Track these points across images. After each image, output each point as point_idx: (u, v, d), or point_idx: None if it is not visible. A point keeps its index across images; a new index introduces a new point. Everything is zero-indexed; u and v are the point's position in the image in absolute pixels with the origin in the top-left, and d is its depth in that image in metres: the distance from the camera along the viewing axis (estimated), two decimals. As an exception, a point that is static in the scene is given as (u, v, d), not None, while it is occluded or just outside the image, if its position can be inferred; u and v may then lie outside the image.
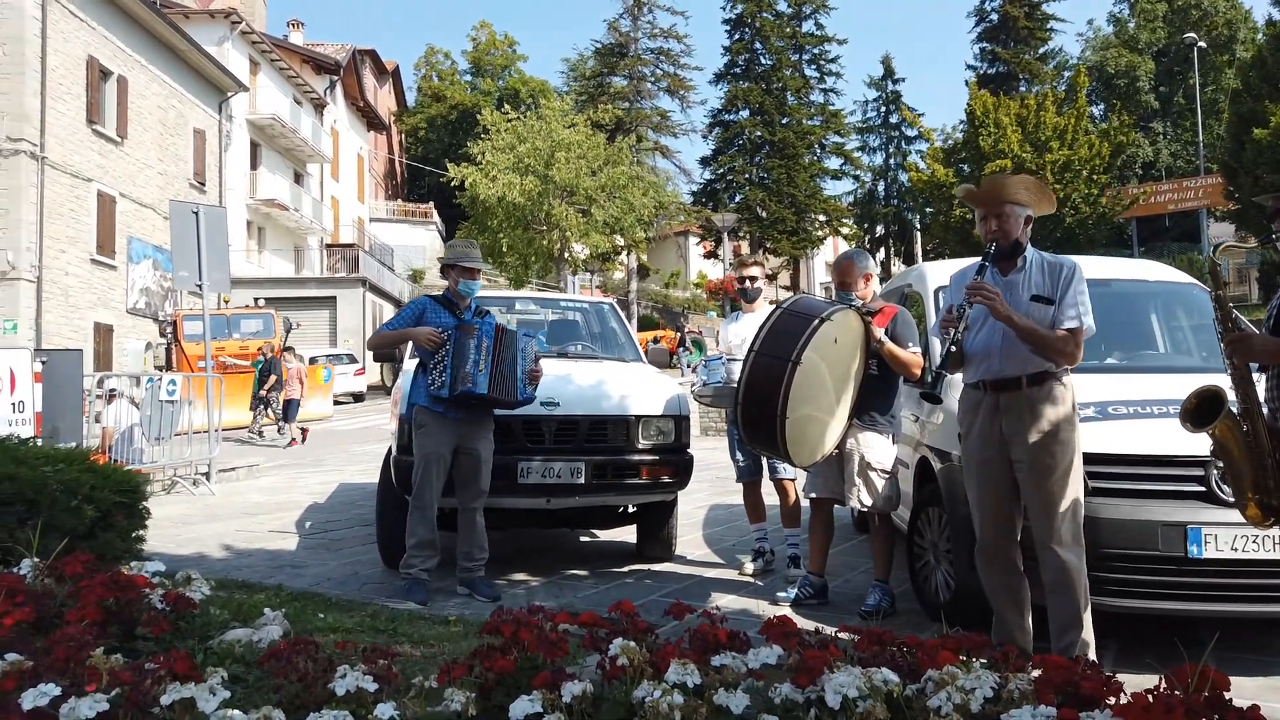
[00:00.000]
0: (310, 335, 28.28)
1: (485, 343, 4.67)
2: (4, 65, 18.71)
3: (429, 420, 4.71)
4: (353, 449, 13.44)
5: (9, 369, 6.56)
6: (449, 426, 4.70)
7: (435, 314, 4.88)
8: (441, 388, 4.63)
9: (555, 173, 29.35)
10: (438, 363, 4.68)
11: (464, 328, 4.71)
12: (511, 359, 4.71)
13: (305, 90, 35.66)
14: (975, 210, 3.53)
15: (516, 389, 4.71)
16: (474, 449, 4.75)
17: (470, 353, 4.61)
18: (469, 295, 4.98)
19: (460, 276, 4.92)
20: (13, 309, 18.38)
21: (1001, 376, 3.36)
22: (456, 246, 5.13)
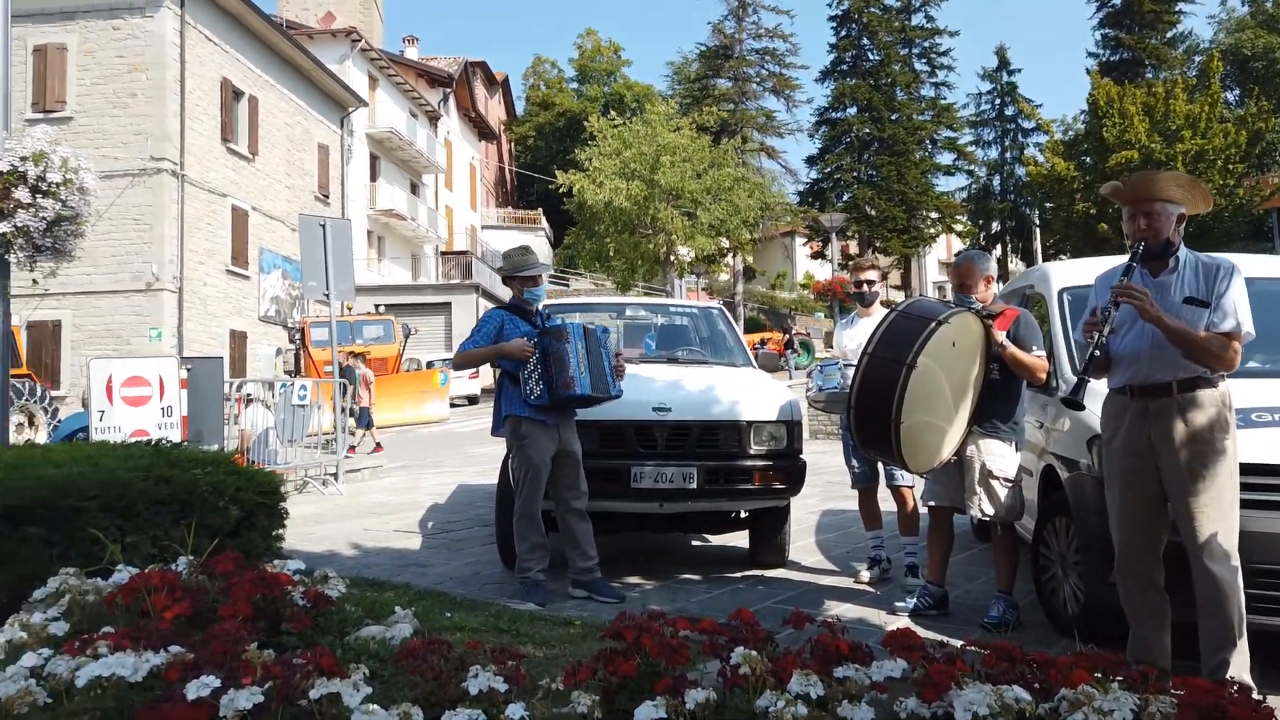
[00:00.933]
0: (426, 340, 29.23)
1: (579, 345, 4.76)
2: (147, 90, 20.04)
3: (532, 430, 4.78)
4: (469, 450, 13.83)
5: (159, 376, 7.05)
6: (550, 432, 4.80)
7: (513, 325, 4.94)
8: (541, 395, 4.71)
9: (661, 177, 29.51)
10: (530, 372, 4.76)
11: (555, 333, 4.79)
12: (599, 356, 4.80)
13: (420, 103, 36.90)
14: (1123, 208, 3.37)
15: (608, 385, 4.79)
16: (572, 450, 4.85)
17: (569, 357, 4.70)
18: (535, 302, 5.07)
19: (523, 286, 5.00)
20: (157, 318, 19.65)
21: (1150, 381, 3.20)
22: (513, 257, 5.15)
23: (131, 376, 6.94)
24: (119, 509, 3.83)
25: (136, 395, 6.95)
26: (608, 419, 5.06)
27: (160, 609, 2.78)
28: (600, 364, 4.78)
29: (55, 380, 18.77)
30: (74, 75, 19.98)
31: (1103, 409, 3.45)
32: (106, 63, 20.05)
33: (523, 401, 4.77)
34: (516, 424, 4.81)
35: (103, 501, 3.78)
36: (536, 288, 5.03)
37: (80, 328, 19.49)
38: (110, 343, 19.25)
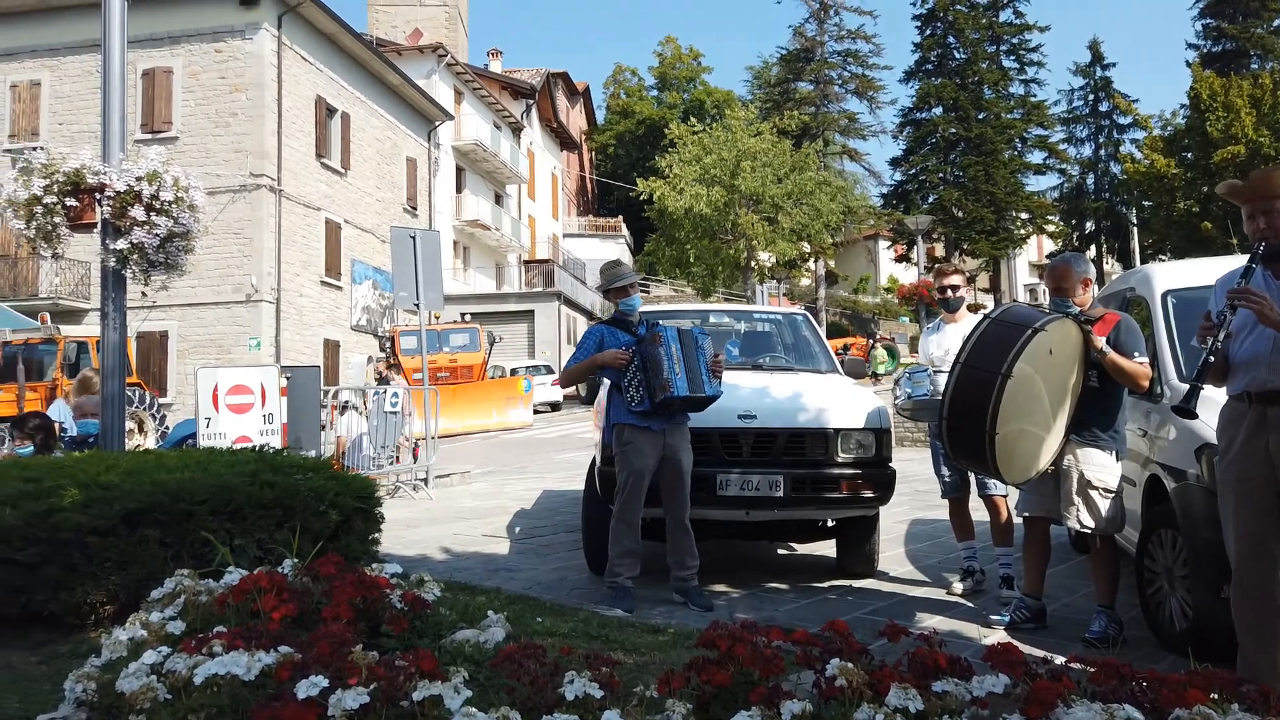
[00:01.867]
0: (510, 348, 29.72)
1: (674, 347, 4.80)
2: (247, 109, 20.90)
3: (635, 436, 4.84)
4: (553, 456, 14.00)
5: (261, 384, 7.35)
6: (654, 439, 4.83)
7: (613, 337, 5.04)
8: (641, 402, 4.78)
9: (741, 182, 29.41)
10: (630, 380, 4.83)
11: (649, 339, 4.84)
12: (695, 357, 4.82)
13: (504, 115, 37.57)
14: (1241, 207, 3.21)
15: (704, 384, 4.80)
16: (678, 459, 4.86)
17: (663, 360, 4.74)
18: (631, 312, 5.11)
19: (617, 298, 5.11)
20: (256, 327, 20.44)
21: (1270, 388, 3.05)
22: (605, 271, 5.29)
23: (235, 385, 7.26)
24: (227, 513, 4.01)
25: (240, 403, 7.26)
26: (693, 426, 5.07)
27: (269, 610, 2.90)
28: (696, 365, 4.80)
29: (163, 388, 19.68)
30: (179, 97, 20.96)
31: (1219, 417, 3.30)
32: (209, 84, 20.99)
33: (626, 409, 4.85)
34: (621, 430, 4.89)
35: (212, 505, 3.96)
36: (630, 298, 5.10)
37: (185, 337, 20.41)
38: (213, 352, 20.11)
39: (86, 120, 21.17)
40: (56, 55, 21.58)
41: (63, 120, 21.46)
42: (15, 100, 21.78)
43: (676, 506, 4.87)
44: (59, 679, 3.14)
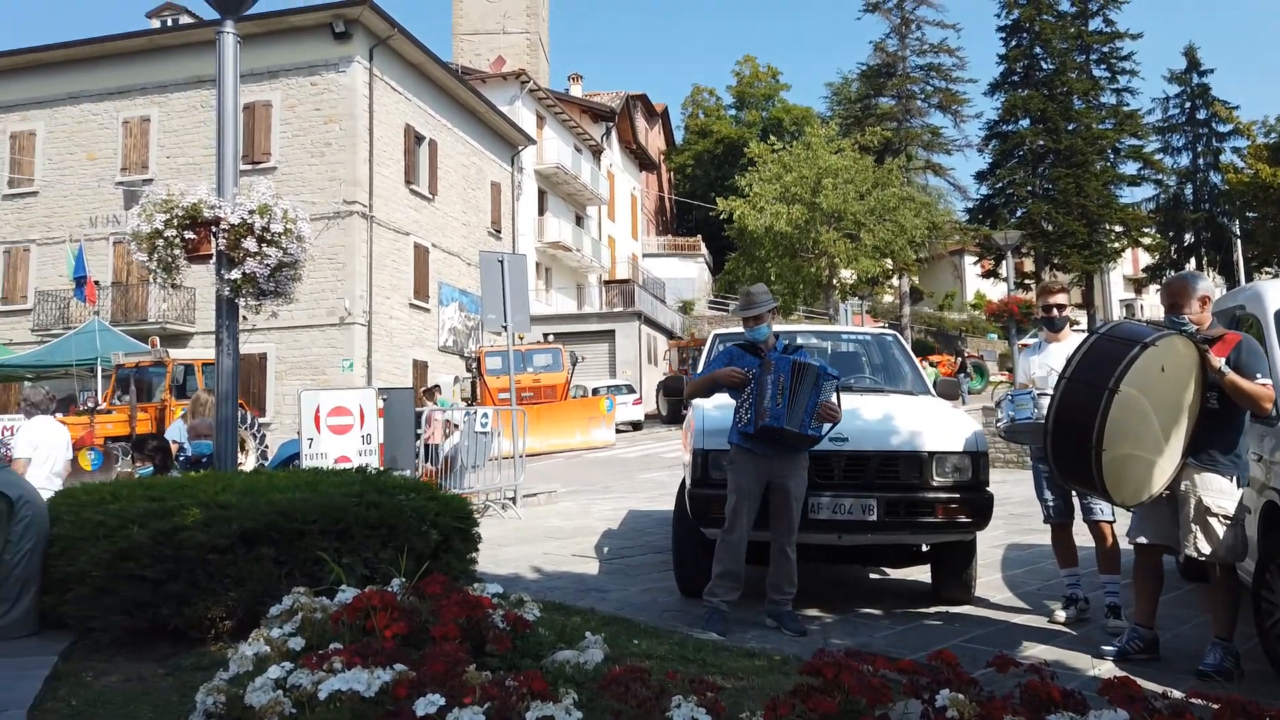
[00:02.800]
0: (591, 368, 29.98)
1: (782, 378, 4.77)
2: (340, 139, 21.68)
3: (740, 456, 4.88)
4: (637, 476, 14.06)
5: (359, 406, 7.61)
6: (759, 462, 4.83)
7: (740, 359, 5.08)
8: (748, 424, 4.81)
9: (822, 200, 29.19)
10: (743, 401, 4.88)
11: (764, 365, 4.87)
12: (806, 394, 4.78)
13: (584, 138, 38.12)
14: None
15: (802, 422, 4.75)
16: (785, 484, 4.84)
17: (769, 388, 4.75)
18: (759, 339, 5.13)
19: (747, 325, 5.15)
20: (349, 349, 21.10)
21: None
22: (742, 297, 5.37)
23: (336, 406, 7.53)
24: (336, 532, 4.16)
25: (340, 424, 7.53)
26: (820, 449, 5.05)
27: (382, 628, 3.00)
28: (803, 401, 4.74)
29: (262, 408, 20.45)
30: (277, 129, 21.88)
31: None
32: (305, 116, 21.86)
33: (736, 429, 4.89)
34: (729, 449, 4.95)
35: (322, 525, 4.11)
36: (758, 327, 5.10)
37: (283, 359, 21.18)
38: (309, 373, 20.83)
39: (191, 153, 22.28)
40: (164, 92, 22.77)
41: (170, 153, 22.60)
42: (127, 135, 23.03)
43: (781, 531, 4.86)
44: (185, 690, 3.31)
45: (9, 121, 23.84)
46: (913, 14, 41.25)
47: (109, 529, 3.92)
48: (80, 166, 23.25)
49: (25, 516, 3.82)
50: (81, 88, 23.28)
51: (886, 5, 40.92)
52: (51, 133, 23.56)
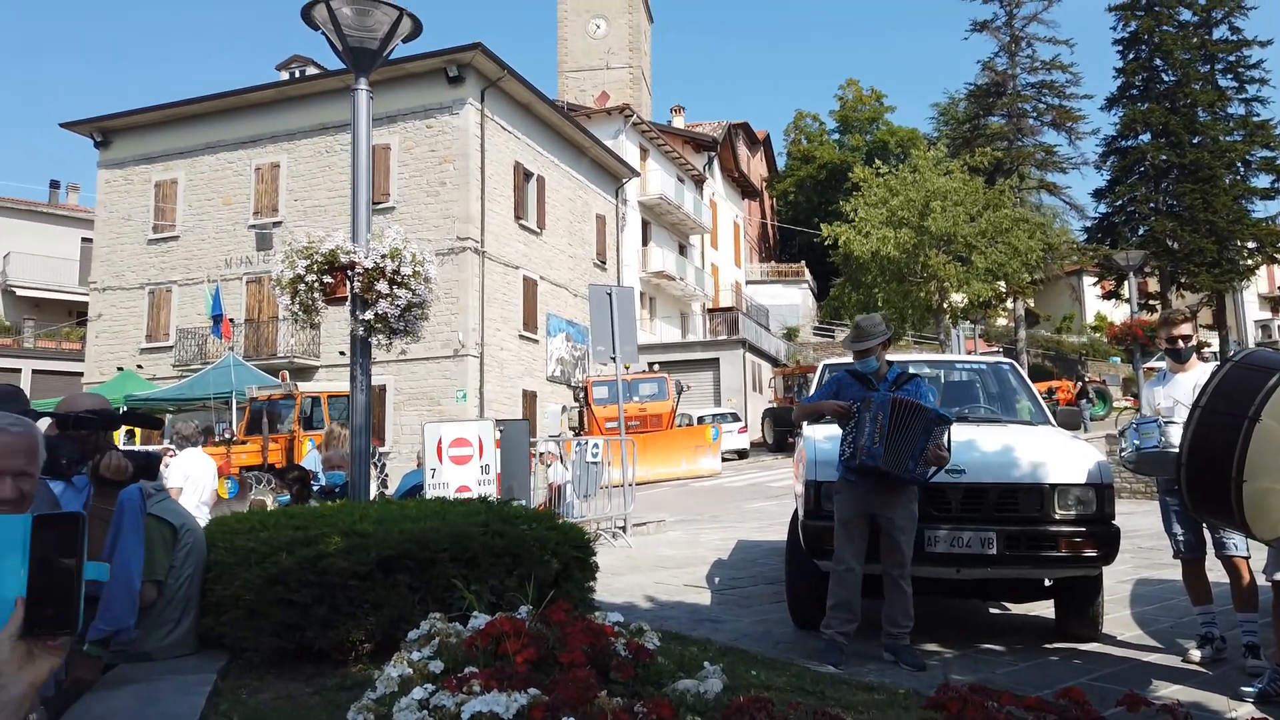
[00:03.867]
0: (696, 396, 30.08)
1: (880, 417, 4.77)
2: (454, 178, 22.56)
3: (844, 489, 4.93)
4: (744, 505, 14.04)
5: (478, 437, 7.92)
6: (861, 494, 4.86)
7: (849, 387, 5.12)
8: (849, 458, 4.85)
9: (931, 223, 28.63)
10: (847, 434, 4.93)
11: (865, 401, 4.89)
12: (912, 434, 4.76)
13: (687, 168, 38.51)
14: None
15: (905, 464, 4.72)
16: (890, 516, 4.83)
17: (866, 425, 4.77)
18: (866, 371, 5.15)
19: (857, 357, 5.18)
20: (462, 380, 21.80)
21: None
22: (851, 329, 5.40)
23: (457, 438, 7.86)
24: (465, 560, 4.37)
25: (461, 455, 7.84)
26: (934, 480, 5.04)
27: (514, 653, 3.16)
28: (907, 440, 4.72)
29: (382, 438, 21.29)
30: (396, 170, 22.92)
31: None
32: (421, 157, 22.84)
33: (840, 460, 4.94)
34: (834, 481, 5.00)
35: (452, 553, 4.33)
36: (865, 360, 5.14)
37: (400, 390, 22.03)
38: (425, 404, 21.61)
39: (317, 195, 23.55)
40: (293, 139, 24.17)
41: (298, 196, 23.94)
42: (259, 181, 24.52)
43: (892, 563, 4.85)
44: (331, 708, 3.55)
45: (154, 171, 25.70)
46: (1022, 31, 40.19)
47: (260, 555, 4.22)
48: (216, 211, 24.86)
49: (187, 544, 4.15)
50: (218, 138, 24.95)
51: (995, 24, 40.00)
52: (191, 180, 25.29)
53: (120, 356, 25.17)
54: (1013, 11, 39.86)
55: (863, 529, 4.86)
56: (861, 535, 4.86)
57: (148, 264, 25.52)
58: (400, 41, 6.03)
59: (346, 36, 5.76)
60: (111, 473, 3.02)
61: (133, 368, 23.85)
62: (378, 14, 5.83)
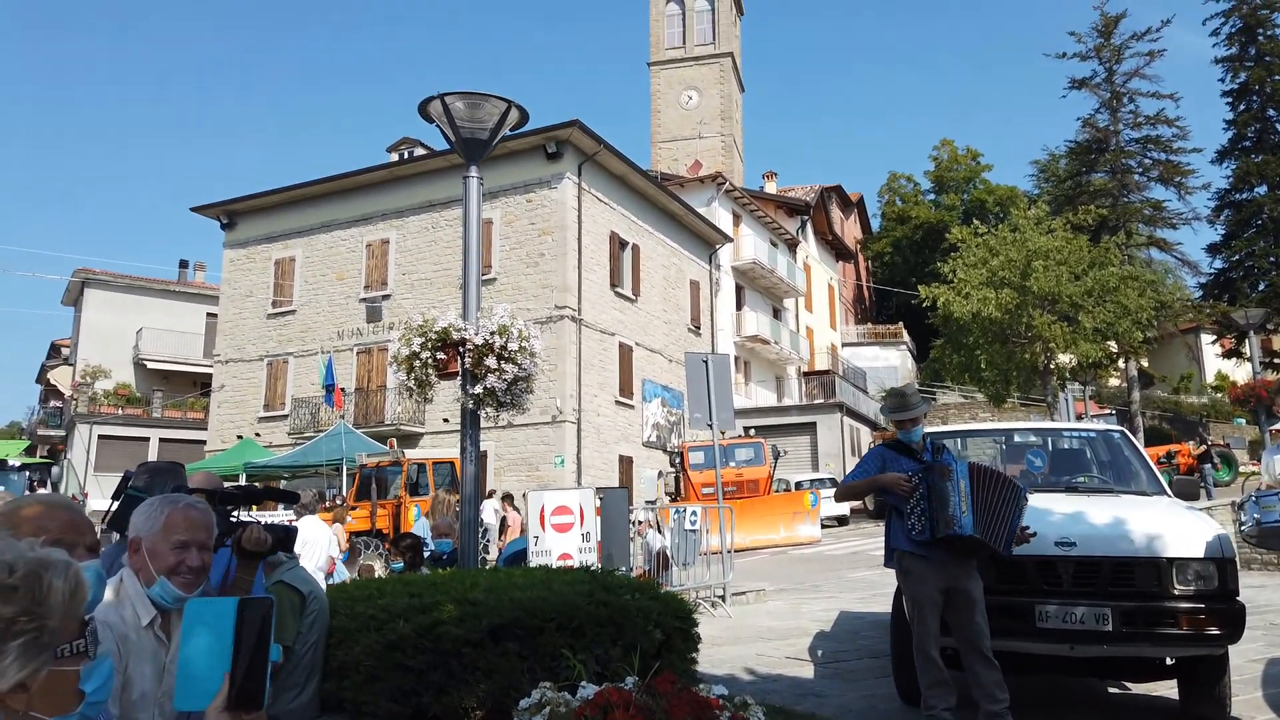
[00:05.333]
0: (793, 461, 29.76)
1: (963, 484, 4.72)
2: (552, 249, 23.26)
3: (914, 565, 4.83)
4: (846, 574, 13.78)
5: (579, 505, 8.09)
6: (935, 569, 4.77)
7: (895, 461, 5.04)
8: (922, 531, 4.76)
9: (1034, 283, 27.95)
10: (912, 508, 4.82)
11: (937, 469, 4.79)
12: (1001, 502, 4.69)
13: (780, 232, 38.72)
14: None
15: (1005, 538, 4.64)
16: (965, 588, 4.74)
17: (950, 494, 4.69)
18: (911, 442, 5.11)
19: (899, 427, 5.12)
20: (560, 446, 22.15)
21: None
22: (891, 399, 5.33)
23: (559, 506, 8.04)
24: (571, 629, 4.47)
25: (562, 523, 8.01)
26: None
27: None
28: (995, 508, 4.66)
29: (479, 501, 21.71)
30: (497, 243, 23.78)
31: None
32: (521, 230, 23.67)
33: (906, 535, 4.86)
34: (901, 557, 4.91)
35: (559, 622, 4.45)
36: (912, 430, 5.12)
37: (501, 456, 22.51)
38: (524, 469, 22.01)
39: (423, 269, 24.59)
40: (401, 216, 25.40)
41: (405, 271, 25.04)
42: (369, 256, 25.77)
43: (971, 637, 4.73)
44: (447, 773, 3.67)
45: (274, 250, 27.31)
46: (1124, 87, 39.28)
47: (379, 622, 4.42)
48: (330, 285, 26.18)
49: (314, 610, 4.38)
50: (333, 217, 26.40)
51: (1094, 80, 39.22)
52: (308, 257, 26.75)
53: (240, 425, 26.49)
54: (1112, 68, 39.08)
55: (938, 605, 4.76)
56: (937, 611, 4.77)
57: (267, 337, 26.95)
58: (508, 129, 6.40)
59: (459, 128, 6.15)
60: (253, 545, 3.28)
61: (251, 436, 25.06)
62: (488, 106, 6.22)
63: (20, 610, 1.25)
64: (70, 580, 1.31)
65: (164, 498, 2.57)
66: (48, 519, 2.00)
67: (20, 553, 1.29)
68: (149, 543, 2.43)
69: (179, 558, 2.43)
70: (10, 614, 1.25)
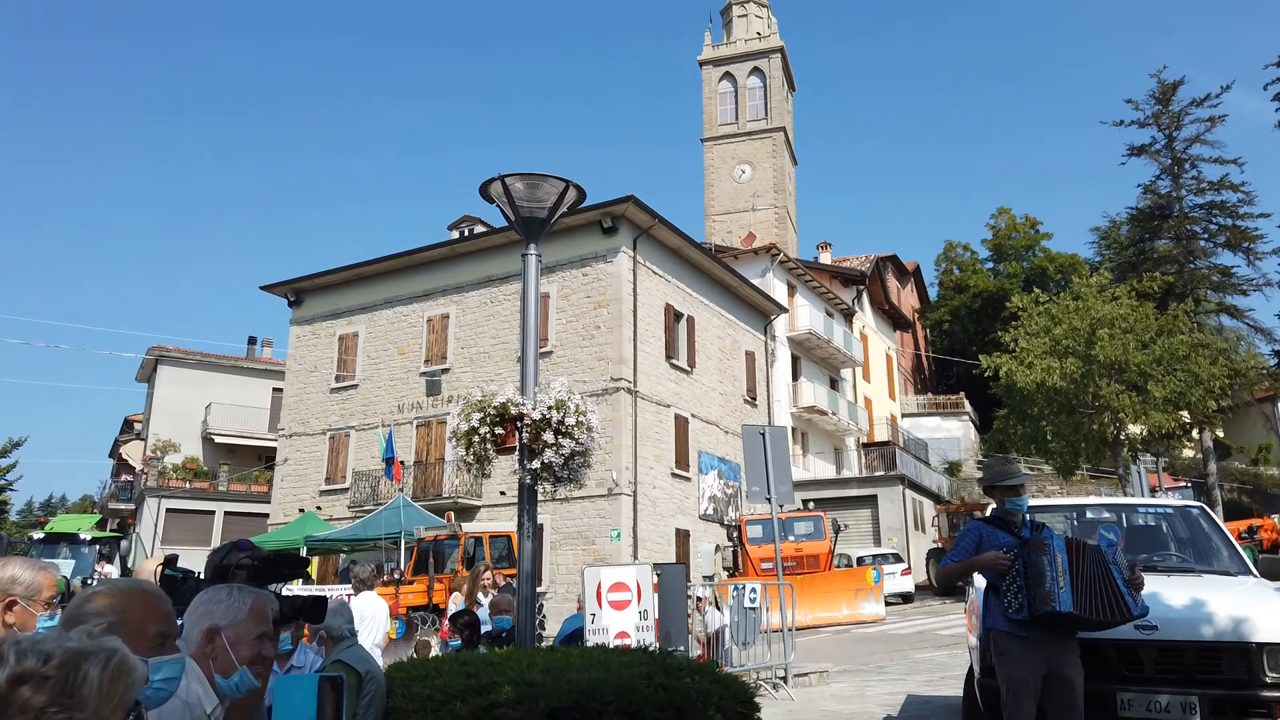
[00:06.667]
0: (854, 535, 29.10)
1: (1059, 557, 4.54)
2: (608, 322, 23.47)
3: (1011, 646, 4.63)
4: (912, 655, 13.29)
5: (636, 581, 7.98)
6: (1033, 651, 4.57)
7: (992, 536, 4.84)
8: (1020, 610, 4.57)
9: (1099, 351, 27.31)
10: (1009, 585, 4.64)
11: (1033, 545, 4.62)
12: (1101, 572, 4.50)
13: (835, 303, 38.60)
14: None
15: (1122, 604, 4.41)
16: (1065, 673, 4.53)
17: (1046, 569, 4.52)
18: (1018, 511, 4.93)
19: (1004, 495, 4.91)
20: (616, 519, 22.00)
21: None
22: (993, 465, 5.18)
23: (616, 583, 7.94)
24: (629, 713, 4.37)
25: (619, 600, 7.90)
26: (1084, 637, 4.73)
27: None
28: (1100, 580, 4.46)
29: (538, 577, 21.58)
30: (554, 316, 24.09)
31: None
32: (577, 303, 23.97)
33: (1003, 614, 4.66)
34: (997, 638, 4.69)
35: (618, 705, 4.34)
36: (1019, 497, 4.92)
37: (556, 530, 22.42)
38: (580, 543, 21.87)
39: (482, 343, 24.97)
40: (461, 291, 25.93)
41: (464, 345, 25.45)
42: (430, 331, 26.28)
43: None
44: None
45: (338, 326, 28.03)
46: (1184, 153, 38.72)
47: (435, 703, 4.37)
48: (391, 360, 26.70)
49: (371, 691, 4.36)
50: (395, 293, 27.07)
51: (1154, 147, 38.78)
52: (370, 333, 27.39)
53: (302, 499, 26.88)
54: (1172, 134, 38.62)
55: (1036, 689, 4.54)
56: (1034, 697, 4.54)
57: (330, 411, 27.48)
58: (565, 207, 6.53)
59: (519, 207, 6.30)
60: None
61: (313, 509, 25.37)
62: (546, 186, 6.38)
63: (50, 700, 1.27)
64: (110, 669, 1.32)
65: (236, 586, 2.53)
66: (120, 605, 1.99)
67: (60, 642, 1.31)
68: (232, 633, 2.38)
69: (259, 648, 2.42)
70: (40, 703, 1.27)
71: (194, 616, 2.39)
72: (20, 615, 2.57)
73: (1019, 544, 4.69)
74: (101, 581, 2.31)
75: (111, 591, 2.03)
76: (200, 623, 2.38)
